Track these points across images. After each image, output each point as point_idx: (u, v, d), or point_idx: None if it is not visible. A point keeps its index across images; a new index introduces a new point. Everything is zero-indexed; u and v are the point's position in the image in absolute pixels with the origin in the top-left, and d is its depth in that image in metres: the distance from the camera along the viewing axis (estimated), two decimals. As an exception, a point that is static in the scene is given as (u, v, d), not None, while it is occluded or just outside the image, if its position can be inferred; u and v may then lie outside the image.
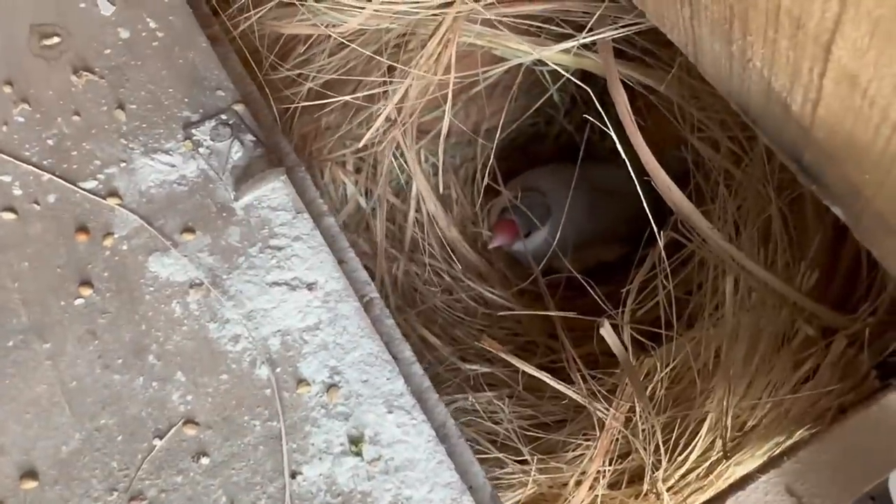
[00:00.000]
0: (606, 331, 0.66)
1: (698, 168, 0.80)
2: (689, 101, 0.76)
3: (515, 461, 0.76)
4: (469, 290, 0.98)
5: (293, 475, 0.47)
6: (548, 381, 0.75)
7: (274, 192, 0.56)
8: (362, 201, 0.96)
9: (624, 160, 0.66)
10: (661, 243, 0.67)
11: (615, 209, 0.98)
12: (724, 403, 0.68)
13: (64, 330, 0.49)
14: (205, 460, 0.46)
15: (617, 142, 0.64)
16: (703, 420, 0.69)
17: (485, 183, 0.93)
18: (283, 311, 0.52)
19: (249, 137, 0.57)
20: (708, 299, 0.76)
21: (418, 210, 0.98)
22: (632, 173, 0.65)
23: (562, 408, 0.84)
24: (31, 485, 0.45)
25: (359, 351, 0.51)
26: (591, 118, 0.68)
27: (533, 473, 0.74)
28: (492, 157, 0.90)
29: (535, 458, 0.74)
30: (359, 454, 0.48)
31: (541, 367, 0.86)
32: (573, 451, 0.75)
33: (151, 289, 0.52)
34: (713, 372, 0.72)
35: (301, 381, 0.50)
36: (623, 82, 0.73)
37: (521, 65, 0.82)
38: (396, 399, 0.50)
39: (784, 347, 0.68)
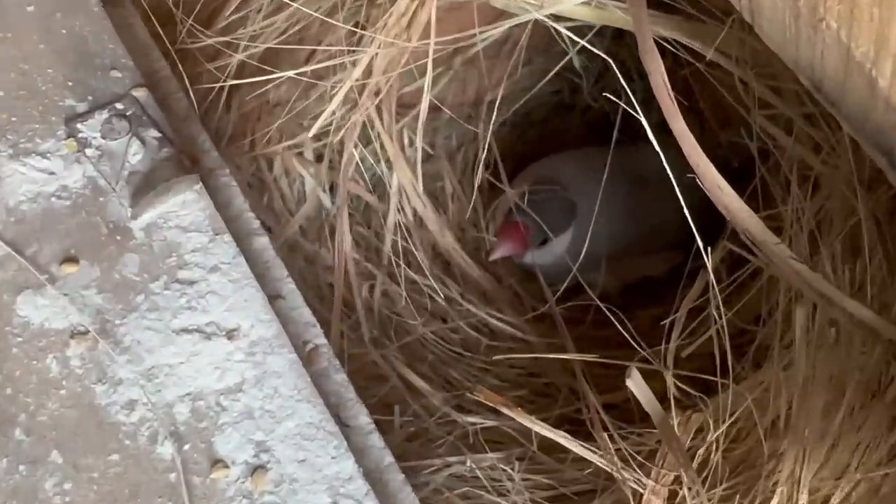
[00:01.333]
0: (635, 382, 0.67)
1: (765, 159, 0.80)
2: (751, 69, 0.75)
3: (528, 549, 0.78)
4: (469, 317, 0.99)
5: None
6: (565, 443, 0.76)
7: (185, 206, 0.57)
8: (326, 199, 0.97)
9: (667, 147, 0.67)
10: (709, 265, 0.67)
11: (664, 206, 0.98)
12: (797, 474, 0.68)
13: None
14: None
15: (647, 127, 0.64)
16: (772, 496, 0.70)
17: (479, 175, 0.94)
18: (195, 367, 0.53)
19: (153, 133, 0.58)
20: (779, 331, 0.77)
21: (401, 210, 0.99)
22: (667, 167, 0.65)
23: (589, 475, 0.84)
24: None
25: (294, 420, 0.52)
26: (610, 96, 0.68)
27: (551, 566, 0.75)
28: (488, 138, 0.90)
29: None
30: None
31: (562, 419, 0.88)
32: (604, 533, 0.76)
33: (20, 339, 0.53)
34: (785, 431, 0.72)
35: (217, 462, 0.51)
36: (661, 44, 0.74)
37: (528, 21, 0.83)
38: (344, 484, 0.51)
39: (877, 399, 0.69)
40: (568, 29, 0.88)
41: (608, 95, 0.70)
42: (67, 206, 0.56)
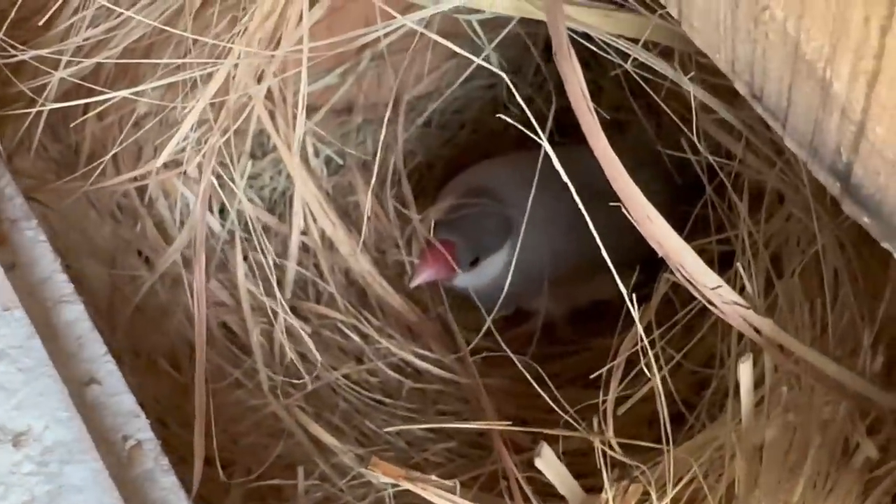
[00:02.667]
0: (546, 461, 0.66)
1: (712, 175, 0.80)
2: (690, 67, 0.76)
3: None
4: (389, 356, 1.01)
5: None
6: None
7: None
8: (214, 223, 0.98)
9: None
10: (636, 318, 0.66)
11: (615, 219, 0.99)
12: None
13: None
14: None
15: (546, 147, 0.65)
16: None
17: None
18: None
19: None
20: (734, 378, 0.77)
21: (306, 231, 1.01)
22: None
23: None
24: None
25: None
26: (502, 117, 0.70)
27: None
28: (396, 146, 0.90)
29: None
30: None
31: (497, 477, 0.87)
32: None
33: None
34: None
35: None
36: (580, 42, 0.74)
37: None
38: None
39: (844, 463, 0.69)
40: (483, 21, 0.90)
41: (502, 117, 0.72)
42: None
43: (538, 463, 0.67)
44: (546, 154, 0.88)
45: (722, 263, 0.82)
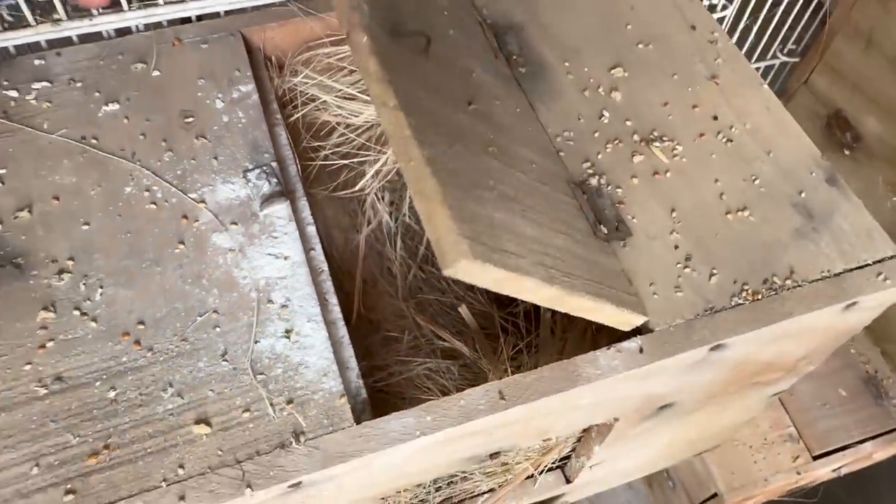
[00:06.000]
0: (463, 312, 1.06)
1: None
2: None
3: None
4: (457, 292, 1.26)
5: (256, 342, 0.86)
6: (448, 338, 1.13)
7: (281, 209, 0.98)
8: (390, 222, 1.30)
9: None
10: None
11: None
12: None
13: (168, 262, 0.90)
14: (217, 329, 0.93)
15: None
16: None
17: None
18: (271, 268, 0.87)
19: (275, 180, 1.02)
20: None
21: None
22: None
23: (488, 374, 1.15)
24: (142, 327, 0.88)
25: (302, 291, 0.87)
26: None
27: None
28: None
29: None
30: (288, 338, 0.87)
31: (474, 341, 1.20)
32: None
33: (211, 250, 0.89)
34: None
35: (270, 302, 0.88)
36: None
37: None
38: (313, 317, 0.88)
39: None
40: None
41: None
42: (238, 203, 0.98)
43: (461, 310, 1.06)
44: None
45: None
